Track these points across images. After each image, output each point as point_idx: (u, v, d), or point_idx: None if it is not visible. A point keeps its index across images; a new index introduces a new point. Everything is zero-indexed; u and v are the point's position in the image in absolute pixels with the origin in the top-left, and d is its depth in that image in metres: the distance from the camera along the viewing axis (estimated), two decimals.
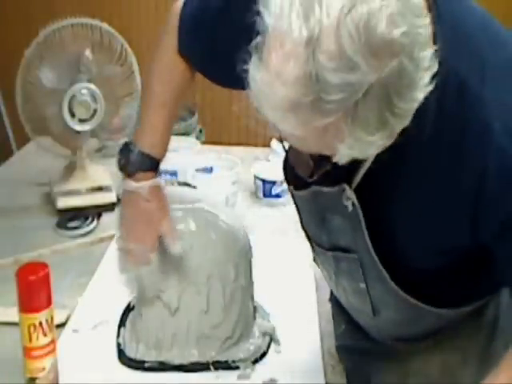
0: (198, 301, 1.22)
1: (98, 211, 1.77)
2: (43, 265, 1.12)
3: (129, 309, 1.34)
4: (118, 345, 1.28)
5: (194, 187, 1.70)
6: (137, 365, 1.24)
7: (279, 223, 1.73)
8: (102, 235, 1.67)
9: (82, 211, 1.76)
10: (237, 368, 1.23)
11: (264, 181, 1.85)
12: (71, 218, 1.74)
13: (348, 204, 0.97)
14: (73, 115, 1.73)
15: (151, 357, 1.24)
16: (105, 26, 1.76)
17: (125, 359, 1.25)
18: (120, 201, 1.24)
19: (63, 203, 1.78)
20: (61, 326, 1.30)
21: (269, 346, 1.29)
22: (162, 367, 1.23)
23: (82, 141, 1.81)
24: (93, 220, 1.74)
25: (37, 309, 1.10)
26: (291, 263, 1.54)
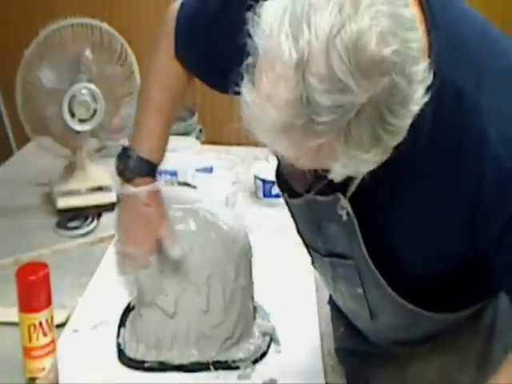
0: (198, 301, 1.22)
1: (98, 211, 1.77)
2: (43, 265, 1.12)
3: (129, 309, 1.34)
4: (118, 345, 1.28)
5: (194, 187, 1.70)
6: (137, 365, 1.24)
7: (279, 223, 1.73)
8: (102, 235, 1.67)
9: (82, 211, 1.76)
10: (237, 368, 1.23)
11: (264, 181, 1.85)
12: (71, 218, 1.74)
13: (343, 213, 0.97)
14: (73, 115, 1.73)
15: (151, 357, 1.24)
16: (105, 26, 1.76)
17: (125, 359, 1.25)
18: (119, 202, 1.24)
19: (63, 203, 1.78)
20: (61, 326, 1.30)
21: (269, 346, 1.29)
22: (162, 367, 1.23)
23: (82, 141, 1.81)
24: (93, 220, 1.74)
25: (37, 309, 1.10)
26: (291, 263, 1.54)
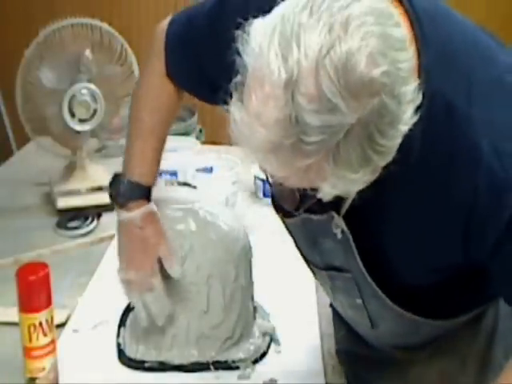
0: (198, 301, 1.22)
1: (98, 211, 1.77)
2: (43, 265, 1.12)
3: (129, 309, 1.34)
4: (118, 345, 1.28)
5: (194, 187, 1.70)
6: (137, 365, 1.24)
7: (279, 223, 1.72)
8: (102, 235, 1.67)
9: (82, 211, 1.76)
10: (237, 368, 1.23)
11: (264, 181, 1.85)
12: (71, 218, 1.74)
13: (337, 232, 0.97)
14: (73, 115, 1.73)
15: (151, 357, 1.24)
16: (105, 26, 1.76)
17: (125, 359, 1.25)
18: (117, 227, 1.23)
19: (63, 203, 1.78)
20: (61, 326, 1.30)
21: (269, 346, 1.29)
22: (162, 367, 1.23)
23: (82, 141, 1.81)
24: (93, 220, 1.74)
25: (37, 309, 1.10)
26: (291, 263, 1.53)
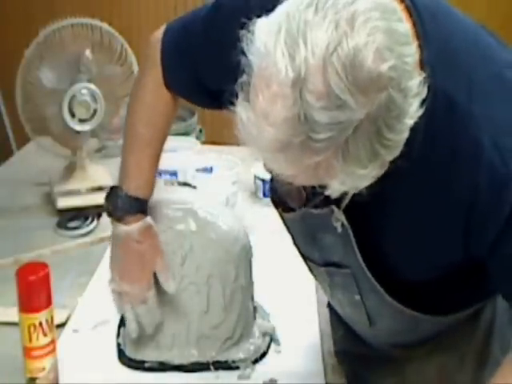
0: (198, 301, 1.22)
1: (98, 211, 1.77)
2: (43, 265, 1.12)
3: None
4: (118, 345, 1.28)
5: (194, 187, 1.70)
6: (137, 365, 1.24)
7: (279, 223, 1.72)
8: (102, 235, 1.67)
9: (82, 211, 1.76)
10: (237, 368, 1.23)
11: (264, 181, 1.85)
12: (71, 218, 1.74)
13: (337, 225, 0.96)
14: (73, 115, 1.73)
15: (151, 357, 1.24)
16: (105, 26, 1.76)
17: (125, 359, 1.25)
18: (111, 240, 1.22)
19: (63, 203, 1.78)
20: (61, 326, 1.31)
21: (269, 346, 1.29)
22: (162, 367, 1.23)
23: (82, 141, 1.81)
24: (93, 220, 1.74)
25: (37, 309, 1.10)
26: (291, 263, 1.53)
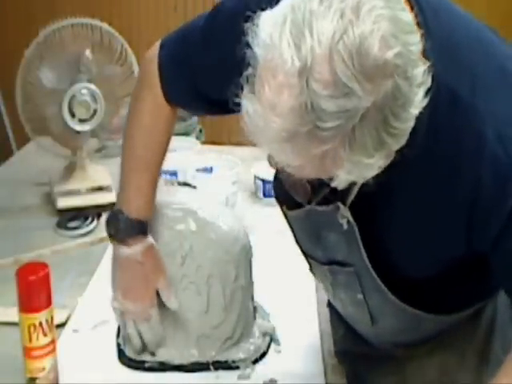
0: (198, 301, 1.22)
1: (98, 211, 1.77)
2: (43, 265, 1.12)
3: None
4: (118, 345, 1.28)
5: (194, 187, 1.70)
6: (137, 365, 1.24)
7: (279, 223, 1.72)
8: (102, 235, 1.66)
9: (82, 211, 1.77)
10: (237, 368, 1.23)
11: (264, 181, 1.85)
12: (71, 218, 1.74)
13: (343, 222, 0.97)
14: (73, 115, 1.73)
15: (151, 357, 1.24)
16: (105, 26, 1.76)
17: (125, 359, 1.25)
18: (112, 261, 1.22)
19: (63, 203, 1.78)
20: (61, 326, 1.30)
21: (269, 346, 1.29)
22: (162, 367, 1.23)
23: (82, 141, 1.81)
24: (93, 220, 1.74)
25: (37, 309, 1.10)
26: (291, 263, 1.53)
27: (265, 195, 1.87)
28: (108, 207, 1.77)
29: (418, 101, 0.74)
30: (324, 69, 0.69)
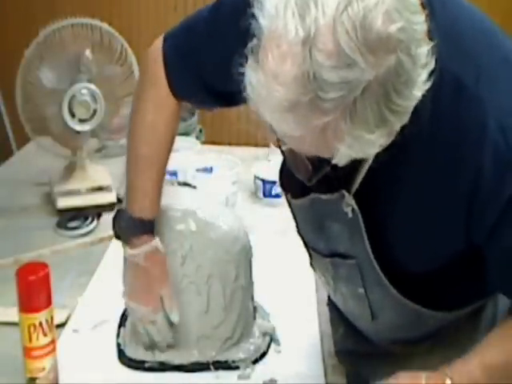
0: (198, 301, 1.22)
1: (98, 211, 1.77)
2: (43, 265, 1.12)
3: None
4: (118, 345, 1.28)
5: (194, 187, 1.70)
6: (137, 365, 1.24)
7: (279, 223, 1.73)
8: (102, 235, 1.67)
9: (82, 211, 1.77)
10: (237, 368, 1.23)
11: (264, 181, 1.85)
12: (71, 218, 1.74)
13: (348, 210, 0.97)
14: (73, 115, 1.73)
15: (151, 357, 1.24)
16: (105, 26, 1.76)
17: (125, 359, 1.25)
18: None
19: (63, 203, 1.78)
20: (61, 326, 1.31)
21: (269, 346, 1.29)
22: (162, 367, 1.23)
23: (82, 141, 1.81)
24: (93, 220, 1.74)
25: (37, 309, 1.10)
26: (291, 263, 1.54)
27: (265, 195, 1.87)
28: (108, 207, 1.78)
29: (421, 82, 0.75)
30: (327, 39, 0.70)
